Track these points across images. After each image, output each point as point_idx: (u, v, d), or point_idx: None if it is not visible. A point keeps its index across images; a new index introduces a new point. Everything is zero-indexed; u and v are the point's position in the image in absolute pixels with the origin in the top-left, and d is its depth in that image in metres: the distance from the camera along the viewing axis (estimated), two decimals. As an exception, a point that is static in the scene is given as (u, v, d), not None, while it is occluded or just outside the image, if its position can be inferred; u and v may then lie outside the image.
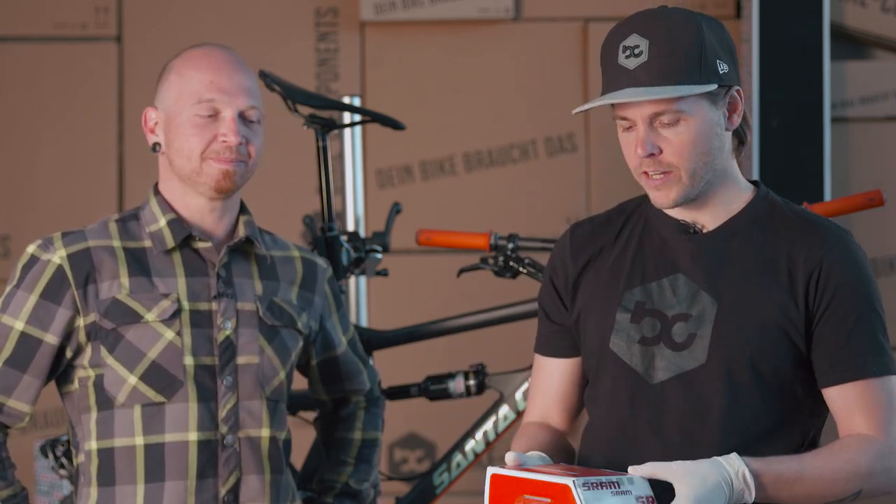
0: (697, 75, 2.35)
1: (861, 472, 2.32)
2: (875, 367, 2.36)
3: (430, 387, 3.37)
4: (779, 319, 2.36)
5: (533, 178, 4.47)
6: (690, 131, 2.36)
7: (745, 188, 2.46)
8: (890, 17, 4.44)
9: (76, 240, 2.68)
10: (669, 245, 2.45)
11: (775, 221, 2.42)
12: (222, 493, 2.65)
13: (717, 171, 2.40)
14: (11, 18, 4.50)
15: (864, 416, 2.35)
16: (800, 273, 2.37)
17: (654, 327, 2.42)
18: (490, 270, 3.32)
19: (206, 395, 2.65)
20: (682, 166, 2.37)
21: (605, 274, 2.49)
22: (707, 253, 2.42)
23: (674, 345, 2.40)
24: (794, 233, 2.40)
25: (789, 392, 2.38)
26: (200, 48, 2.74)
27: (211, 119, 2.67)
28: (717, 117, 2.38)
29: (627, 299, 2.45)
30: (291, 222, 4.20)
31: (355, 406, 2.99)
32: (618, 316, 2.45)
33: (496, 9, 4.43)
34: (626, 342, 2.43)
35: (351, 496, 2.91)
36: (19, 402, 2.65)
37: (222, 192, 2.69)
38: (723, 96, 2.38)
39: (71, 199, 4.48)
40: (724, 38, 2.40)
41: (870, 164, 4.42)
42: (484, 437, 3.34)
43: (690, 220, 2.44)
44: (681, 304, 2.41)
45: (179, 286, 2.68)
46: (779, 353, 2.37)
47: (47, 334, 2.64)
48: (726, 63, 2.38)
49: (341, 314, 2.93)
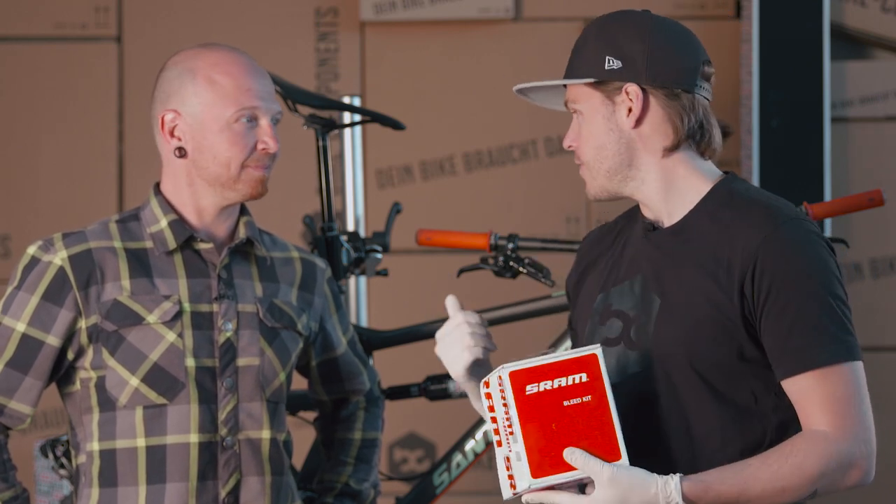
0: (578, 70, 2.44)
1: (812, 475, 2.28)
2: (823, 356, 2.29)
3: (430, 387, 3.37)
4: (713, 314, 2.34)
5: (533, 178, 4.47)
6: (584, 125, 2.46)
7: (704, 181, 2.44)
8: (890, 17, 4.44)
9: (77, 241, 2.67)
10: (637, 246, 2.47)
11: (726, 212, 2.40)
12: (223, 495, 2.65)
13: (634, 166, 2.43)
14: (11, 18, 4.50)
15: (817, 408, 2.30)
16: (736, 265, 2.34)
17: (616, 328, 2.44)
18: (490, 270, 3.32)
19: (207, 397, 2.65)
20: (584, 158, 2.46)
21: (596, 278, 2.52)
22: (657, 251, 2.43)
23: (631, 345, 2.41)
24: (737, 223, 2.37)
25: (740, 389, 2.36)
26: (219, 50, 2.70)
27: (251, 126, 2.68)
28: (608, 112, 2.42)
29: (599, 301, 2.48)
30: (291, 222, 4.20)
31: (355, 406, 2.99)
32: (590, 319, 2.49)
33: (496, 9, 4.43)
34: (594, 343, 2.44)
35: (351, 496, 2.91)
36: (21, 403, 2.65)
37: (257, 197, 2.70)
38: (619, 93, 2.42)
39: (71, 200, 4.48)
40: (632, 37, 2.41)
41: (870, 164, 4.42)
42: (484, 437, 3.34)
43: (655, 218, 2.46)
44: (637, 304, 2.42)
45: (181, 287, 2.67)
46: (716, 350, 2.34)
47: (49, 336, 2.64)
48: (620, 61, 2.41)
49: (341, 315, 2.93)
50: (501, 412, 2.29)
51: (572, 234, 4.44)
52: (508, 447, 2.28)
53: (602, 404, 2.30)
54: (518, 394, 2.28)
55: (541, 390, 2.28)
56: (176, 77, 2.68)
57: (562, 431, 2.28)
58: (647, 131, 2.43)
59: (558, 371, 2.30)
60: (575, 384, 2.30)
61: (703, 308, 2.35)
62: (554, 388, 2.29)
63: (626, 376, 2.40)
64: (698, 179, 2.44)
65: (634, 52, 2.41)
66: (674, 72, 2.42)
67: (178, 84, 2.68)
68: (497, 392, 2.29)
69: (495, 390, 2.29)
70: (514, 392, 2.28)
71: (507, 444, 2.28)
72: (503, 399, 2.28)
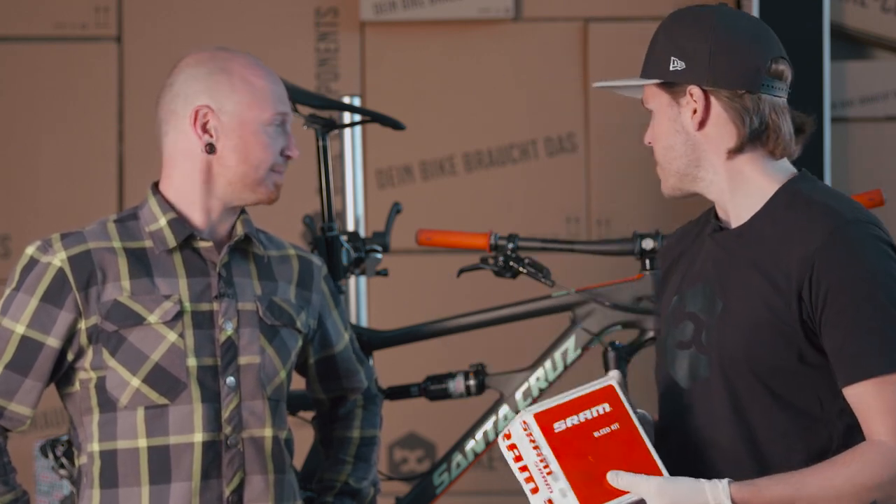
0: (650, 69, 2.43)
1: (868, 486, 2.24)
2: (881, 365, 2.25)
3: (430, 387, 3.37)
4: (771, 319, 2.32)
5: (533, 178, 4.47)
6: (655, 126, 2.44)
7: (771, 184, 2.41)
8: (890, 17, 4.44)
9: (76, 241, 2.67)
10: (707, 247, 2.45)
11: (788, 214, 2.37)
12: (227, 494, 2.65)
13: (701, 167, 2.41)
14: (11, 18, 4.50)
15: (876, 418, 2.26)
16: (794, 270, 2.31)
17: (689, 331, 2.42)
18: (490, 270, 3.32)
19: (210, 396, 2.65)
20: (657, 158, 2.46)
21: (675, 278, 2.51)
22: (722, 252, 2.41)
23: (701, 349, 2.39)
24: (796, 226, 2.34)
25: (803, 394, 2.33)
26: (245, 55, 2.72)
27: (279, 131, 2.71)
28: (674, 114, 2.41)
29: (675, 302, 2.46)
30: (291, 222, 4.20)
31: (353, 404, 2.99)
32: (667, 321, 2.48)
33: (496, 9, 4.43)
34: (668, 346, 2.44)
35: (351, 495, 2.91)
36: (21, 405, 2.64)
37: (272, 202, 2.74)
38: (684, 94, 2.40)
39: (71, 199, 4.48)
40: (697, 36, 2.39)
41: (870, 164, 4.42)
42: (484, 437, 3.34)
43: (725, 219, 2.45)
44: (706, 307, 2.40)
45: (181, 287, 2.67)
46: (776, 355, 2.32)
47: (49, 337, 2.63)
48: (683, 62, 2.39)
49: (339, 312, 2.93)
50: (533, 456, 2.26)
51: (572, 234, 4.44)
52: (548, 488, 2.24)
53: (630, 429, 2.30)
54: (547, 433, 2.26)
55: (569, 426, 2.28)
56: (208, 75, 2.68)
57: (599, 461, 2.26)
58: (711, 133, 2.40)
59: (580, 406, 2.29)
60: (600, 415, 2.29)
61: (762, 313, 2.32)
62: (581, 423, 2.28)
63: (697, 381, 2.39)
64: (765, 180, 2.41)
65: (697, 52, 2.38)
66: (736, 72, 2.38)
67: (213, 81, 2.68)
68: (523, 438, 2.27)
69: (520, 437, 2.27)
70: (543, 432, 2.26)
71: (545, 486, 2.25)
72: (532, 442, 2.26)
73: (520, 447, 2.27)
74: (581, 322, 3.30)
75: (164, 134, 2.72)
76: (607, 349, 3.23)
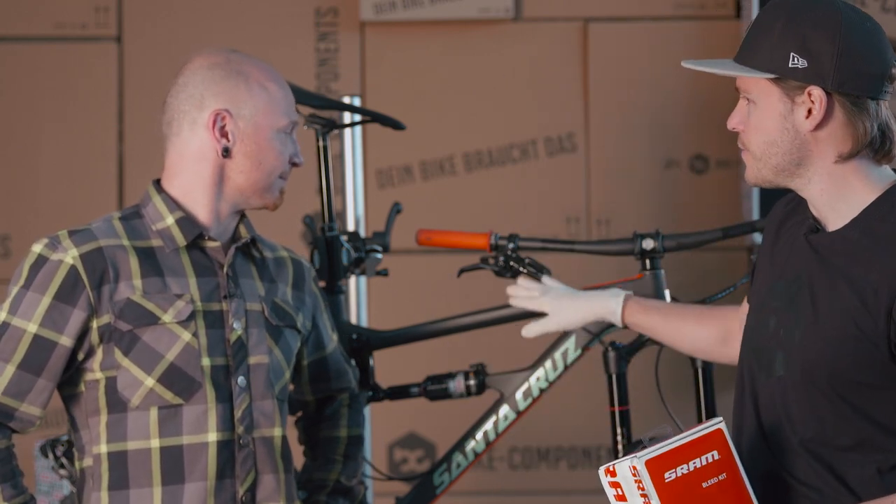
0: (758, 62, 2.34)
1: None
2: None
3: (430, 387, 3.37)
4: (856, 334, 2.28)
5: (533, 178, 4.46)
6: (755, 117, 2.37)
7: (872, 191, 2.36)
8: (890, 17, 4.44)
9: (86, 238, 2.64)
10: (800, 244, 2.42)
11: (884, 226, 2.32)
12: (240, 493, 2.65)
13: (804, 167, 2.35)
14: (11, 18, 4.50)
15: None
16: (885, 286, 2.26)
17: (772, 324, 2.40)
18: (490, 270, 3.32)
19: (224, 396, 2.65)
20: (750, 147, 2.39)
21: (768, 265, 2.48)
22: (814, 255, 2.37)
23: (781, 345, 2.37)
24: (890, 239, 2.30)
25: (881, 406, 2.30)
26: (256, 60, 2.73)
27: (290, 138, 2.74)
28: (785, 111, 2.35)
29: (764, 294, 2.44)
30: (291, 222, 4.20)
31: (340, 404, 3.00)
32: (755, 310, 2.46)
33: (496, 9, 4.43)
34: (751, 336, 2.43)
35: (343, 493, 2.93)
36: (32, 406, 2.62)
37: (275, 208, 2.76)
38: (801, 94, 2.33)
39: (71, 199, 4.48)
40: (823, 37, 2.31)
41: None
42: (484, 437, 3.34)
43: (819, 218, 2.40)
44: (789, 305, 2.38)
45: (191, 286, 2.67)
46: (857, 370, 2.28)
47: (62, 336, 2.61)
48: (805, 60, 2.31)
49: (328, 313, 2.95)
50: (638, 501, 2.22)
51: (572, 234, 4.44)
52: None
53: (737, 481, 2.26)
54: (658, 483, 2.21)
55: (679, 476, 2.23)
56: (225, 78, 2.68)
57: None
58: (824, 136, 2.35)
59: (690, 453, 2.24)
60: (709, 463, 2.25)
61: (848, 326, 2.29)
62: (691, 472, 2.24)
63: (772, 378, 2.37)
64: (868, 188, 2.36)
65: (823, 52, 2.31)
66: (863, 78, 2.32)
67: (230, 85, 2.68)
68: (631, 483, 2.22)
69: (627, 479, 2.22)
70: (653, 482, 2.21)
71: None
72: (641, 490, 2.22)
73: (625, 488, 2.23)
74: (581, 322, 3.29)
75: (175, 134, 2.70)
76: (607, 349, 3.24)
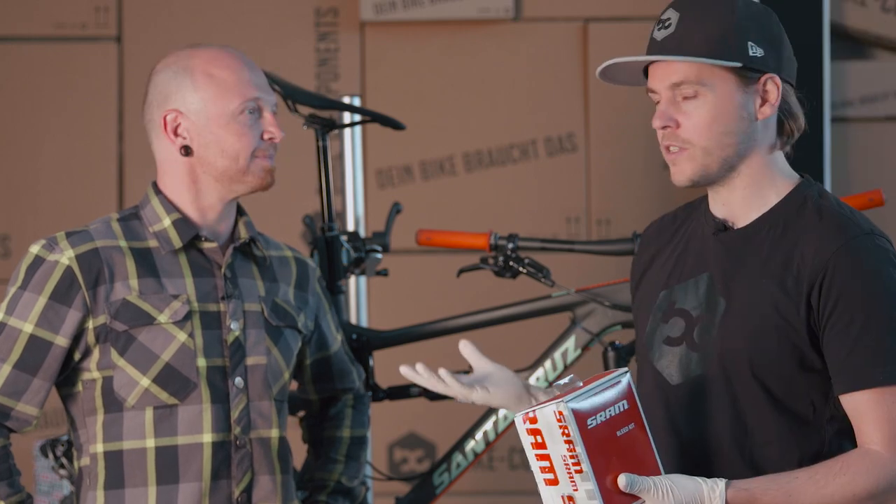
0: (721, 51, 2.29)
1: (860, 495, 2.24)
2: (882, 376, 2.25)
3: (430, 387, 3.36)
4: (777, 323, 2.30)
5: (533, 178, 4.47)
6: (709, 107, 2.31)
7: (785, 183, 2.37)
8: (890, 17, 4.44)
9: (83, 240, 2.65)
10: (705, 243, 2.40)
11: (800, 219, 2.33)
12: (236, 494, 2.65)
13: (743, 158, 2.34)
14: (11, 18, 4.50)
15: (872, 427, 2.26)
16: (805, 275, 2.29)
17: (679, 328, 2.39)
18: (490, 270, 3.32)
19: (219, 397, 2.65)
20: (698, 143, 2.32)
21: (658, 272, 2.46)
22: (728, 252, 2.37)
23: (693, 346, 2.37)
24: (809, 233, 2.31)
25: (799, 398, 2.32)
26: (211, 48, 2.72)
27: (254, 117, 2.68)
28: (744, 101, 2.31)
29: (662, 298, 2.42)
30: (291, 222, 4.20)
31: (343, 404, 3.00)
32: (652, 315, 2.43)
33: (496, 9, 4.43)
34: (655, 341, 2.42)
35: (343, 493, 2.92)
36: (28, 406, 2.62)
37: (265, 188, 2.71)
38: (756, 82, 2.31)
39: (71, 199, 4.48)
40: (766, 25, 2.33)
41: (870, 164, 4.42)
42: (484, 437, 3.34)
43: (727, 216, 2.39)
44: (701, 304, 2.37)
45: (188, 287, 2.67)
46: (779, 359, 2.30)
47: (58, 336, 2.61)
48: (762, 49, 2.30)
49: (333, 313, 2.95)
50: (562, 449, 2.15)
51: (572, 234, 4.43)
52: (573, 486, 2.15)
53: (643, 432, 2.26)
54: (583, 430, 2.16)
55: (599, 423, 2.18)
56: (172, 78, 2.69)
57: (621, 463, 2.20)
58: (765, 126, 2.34)
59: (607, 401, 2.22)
60: (620, 413, 2.23)
61: (769, 316, 2.30)
62: (608, 419, 2.20)
63: (688, 378, 2.37)
64: (781, 181, 2.37)
65: (775, 40, 2.31)
66: (792, 64, 2.34)
67: (176, 84, 2.68)
68: (554, 428, 2.15)
69: (550, 426, 2.15)
70: (579, 427, 2.16)
71: (568, 483, 2.15)
72: (566, 436, 2.15)
73: (545, 434, 2.16)
74: (581, 322, 3.30)
75: (152, 142, 2.73)
76: (607, 349, 3.23)
